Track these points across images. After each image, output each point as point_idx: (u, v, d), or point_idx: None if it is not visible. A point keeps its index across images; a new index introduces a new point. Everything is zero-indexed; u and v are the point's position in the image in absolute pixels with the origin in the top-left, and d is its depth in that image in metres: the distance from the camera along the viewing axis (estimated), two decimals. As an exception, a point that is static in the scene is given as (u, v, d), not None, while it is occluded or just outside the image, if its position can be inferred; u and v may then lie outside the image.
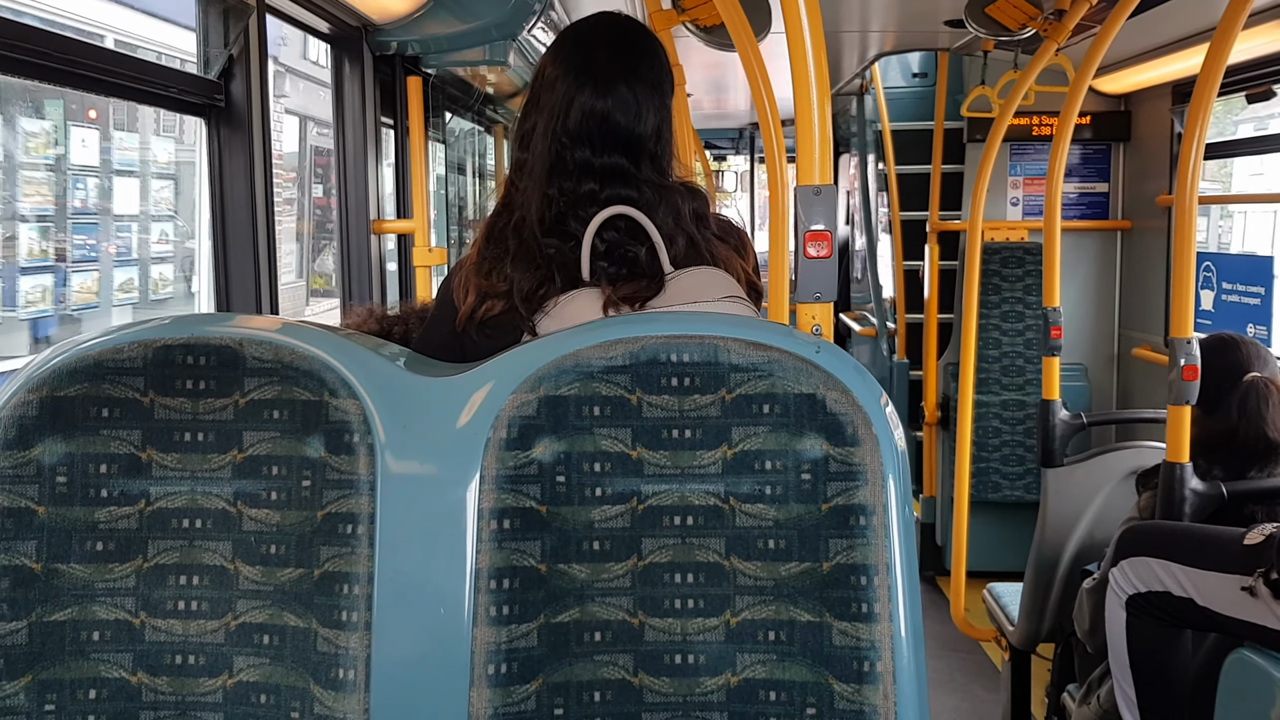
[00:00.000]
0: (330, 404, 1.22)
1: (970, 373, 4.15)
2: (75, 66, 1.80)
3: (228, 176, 2.14)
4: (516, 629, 1.18)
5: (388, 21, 3.00)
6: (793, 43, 1.29)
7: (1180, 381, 2.61)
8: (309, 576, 1.21)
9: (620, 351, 1.22)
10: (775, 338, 1.24)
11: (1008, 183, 5.39)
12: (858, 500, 1.20)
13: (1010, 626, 3.57)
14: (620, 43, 1.59)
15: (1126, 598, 2.38)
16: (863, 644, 1.18)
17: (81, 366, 1.23)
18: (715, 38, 3.16)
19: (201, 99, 2.15)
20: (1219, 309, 4.36)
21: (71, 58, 1.79)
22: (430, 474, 1.21)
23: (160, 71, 2.05)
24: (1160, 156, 4.85)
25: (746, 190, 11.91)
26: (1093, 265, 5.27)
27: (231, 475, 1.23)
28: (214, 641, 1.22)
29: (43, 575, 1.21)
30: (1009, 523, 5.09)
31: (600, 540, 1.21)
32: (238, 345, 1.24)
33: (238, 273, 2.11)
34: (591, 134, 1.53)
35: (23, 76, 1.78)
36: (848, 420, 1.20)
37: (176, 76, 2.10)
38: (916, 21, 4.48)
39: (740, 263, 1.54)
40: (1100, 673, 2.75)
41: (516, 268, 1.49)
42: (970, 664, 4.50)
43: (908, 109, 6.22)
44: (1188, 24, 3.83)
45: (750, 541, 1.21)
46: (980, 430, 5.05)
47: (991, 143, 3.92)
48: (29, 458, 1.22)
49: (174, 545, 1.23)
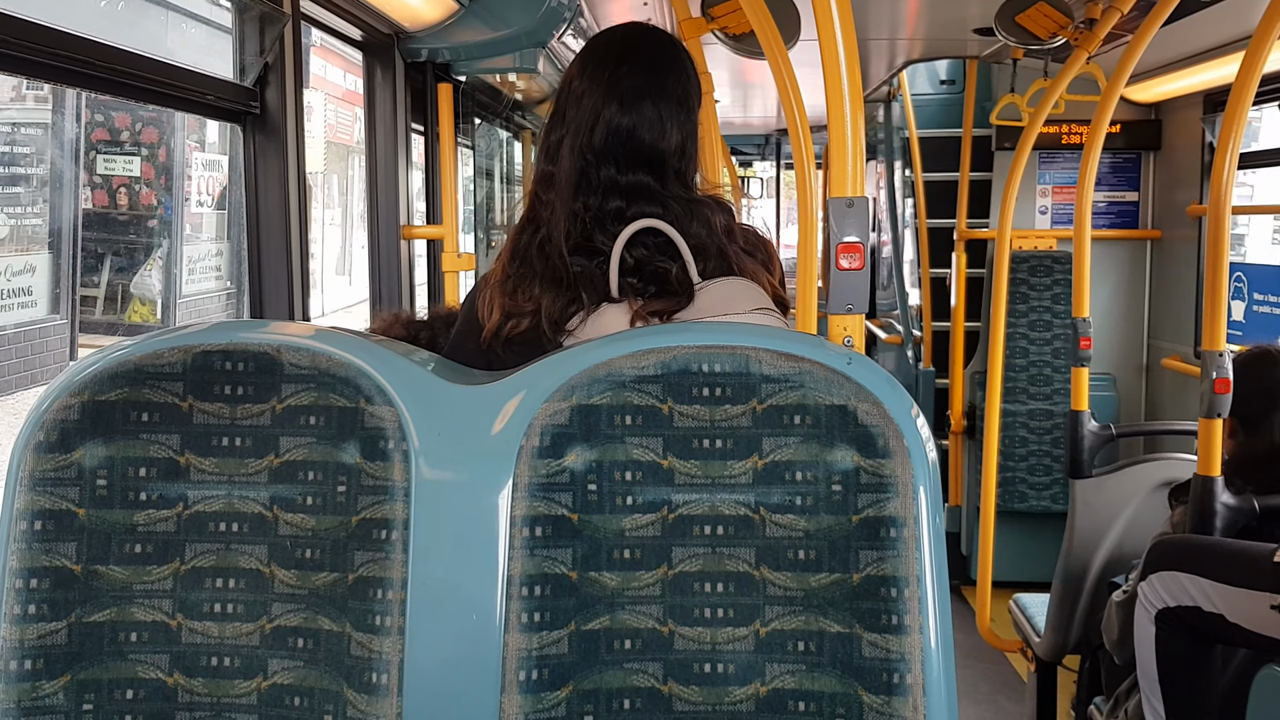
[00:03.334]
0: (366, 410, 1.24)
1: (998, 382, 4.13)
2: (114, 74, 1.83)
3: (262, 183, 2.17)
4: (547, 636, 1.19)
5: (419, 29, 3.03)
6: (826, 55, 1.29)
7: (1212, 394, 2.59)
8: (343, 581, 1.23)
9: (652, 361, 1.23)
10: (807, 349, 1.24)
11: (1036, 191, 5.36)
12: (888, 512, 1.20)
13: (1036, 638, 3.55)
14: (647, 57, 1.58)
15: (1156, 612, 2.36)
16: (892, 656, 1.18)
17: (122, 371, 1.25)
18: (745, 46, 3.16)
19: (237, 106, 2.17)
20: (1250, 319, 4.32)
21: (111, 65, 1.82)
22: (464, 481, 1.22)
23: (197, 79, 2.08)
24: (1191, 166, 4.81)
25: (772, 197, 11.91)
26: (1122, 275, 5.24)
27: (268, 480, 1.25)
28: (249, 644, 1.24)
29: (82, 576, 1.23)
30: (1035, 533, 5.06)
31: (631, 549, 1.22)
32: (275, 352, 1.26)
33: (271, 278, 2.13)
34: (616, 151, 1.53)
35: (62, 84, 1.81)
36: (879, 432, 1.21)
37: (213, 84, 2.13)
38: (945, 29, 4.47)
39: (767, 276, 1.54)
40: (1128, 686, 2.73)
41: (544, 289, 1.49)
42: (996, 675, 4.47)
43: (935, 116, 6.20)
44: (1220, 33, 3.80)
45: (780, 552, 1.21)
46: (1007, 439, 5.02)
47: (1021, 151, 3.90)
48: (70, 460, 1.24)
49: (211, 548, 1.25)
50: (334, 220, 15.06)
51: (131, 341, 1.28)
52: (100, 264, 9.39)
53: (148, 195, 9.51)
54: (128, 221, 9.51)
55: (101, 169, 9.29)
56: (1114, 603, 2.70)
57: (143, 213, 9.55)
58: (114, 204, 9.39)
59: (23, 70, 1.64)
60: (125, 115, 9.28)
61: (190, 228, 10.23)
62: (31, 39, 1.60)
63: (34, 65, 1.62)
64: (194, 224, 10.39)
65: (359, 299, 14.91)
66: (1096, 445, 3.43)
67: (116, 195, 9.38)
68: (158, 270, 9.51)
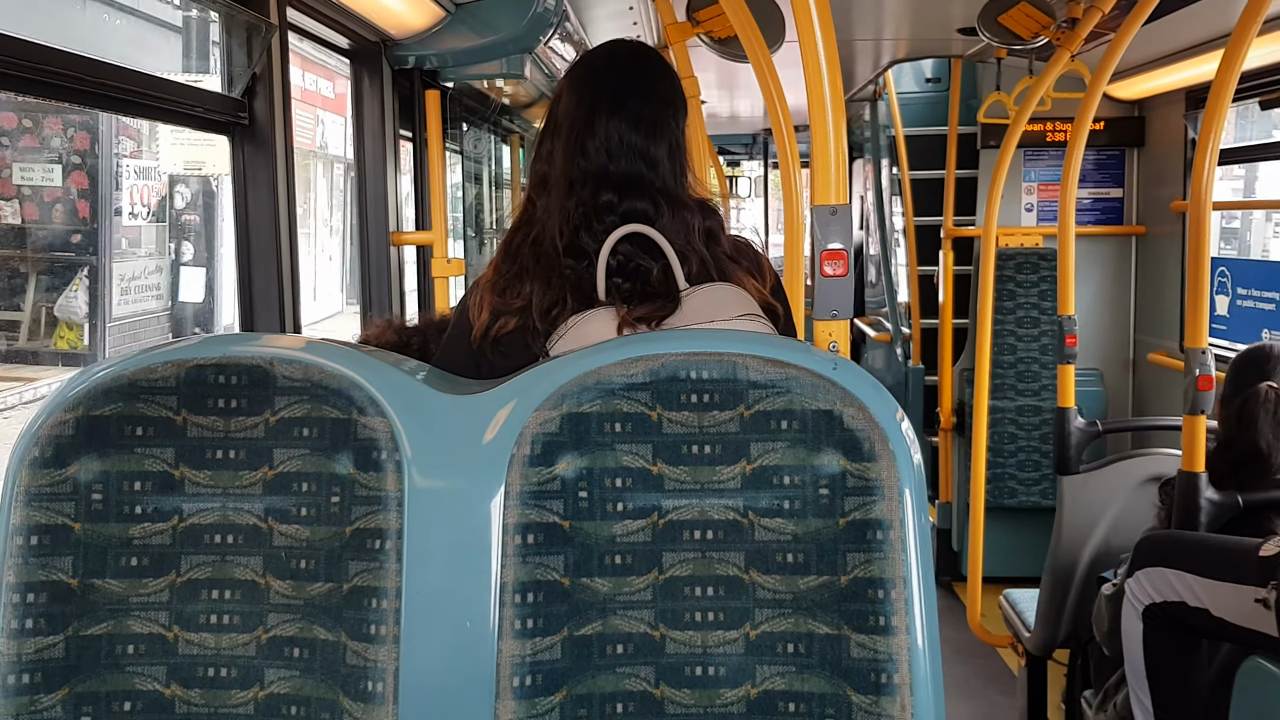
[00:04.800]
0: (359, 422, 1.25)
1: (985, 379, 4.15)
2: (101, 88, 1.84)
3: (252, 193, 2.18)
4: (541, 642, 1.21)
5: (406, 36, 3.04)
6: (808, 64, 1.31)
7: (1195, 391, 2.62)
8: (338, 591, 1.24)
9: (641, 369, 1.25)
10: (793, 355, 1.26)
11: (1021, 188, 5.39)
12: (875, 515, 1.22)
13: (1026, 633, 3.58)
14: (632, 65, 1.66)
15: (1143, 608, 2.39)
16: (880, 656, 1.20)
17: (116, 386, 1.26)
18: (729, 50, 3.19)
19: (226, 117, 2.18)
20: (1234, 314, 4.35)
21: (97, 79, 1.83)
22: (456, 490, 1.24)
23: (185, 91, 2.09)
24: (1174, 161, 4.85)
25: (761, 196, 11.93)
26: (1107, 270, 5.27)
27: (262, 492, 1.26)
28: (245, 654, 1.25)
29: (79, 590, 1.24)
30: (1025, 528, 5.09)
31: (622, 554, 1.24)
32: (268, 364, 1.27)
33: (261, 289, 2.14)
34: (609, 147, 1.58)
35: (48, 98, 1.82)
36: (864, 436, 1.23)
37: (201, 95, 2.14)
38: (930, 29, 4.49)
39: (755, 283, 1.56)
40: (1117, 679, 2.75)
41: (534, 284, 1.53)
42: (986, 669, 4.50)
43: (921, 114, 6.23)
44: (1202, 30, 3.84)
45: (769, 555, 1.23)
46: (996, 436, 5.05)
47: (1006, 149, 3.92)
48: (65, 476, 1.25)
49: (206, 560, 1.26)
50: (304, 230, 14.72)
51: (125, 357, 1.30)
52: (25, 285, 8.59)
53: (83, 206, 8.60)
54: (54, 236, 8.55)
55: (18, 178, 8.48)
56: (1104, 596, 2.73)
57: (73, 226, 8.60)
58: (46, 217, 8.48)
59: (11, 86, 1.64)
60: (56, 120, 8.47)
61: (127, 242, 9.34)
62: (15, 54, 1.61)
63: (18, 81, 1.63)
64: (130, 238, 9.45)
65: (325, 314, 14.02)
66: (1083, 441, 3.46)
67: (51, 209, 8.48)
68: (84, 291, 8.67)
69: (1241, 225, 11.42)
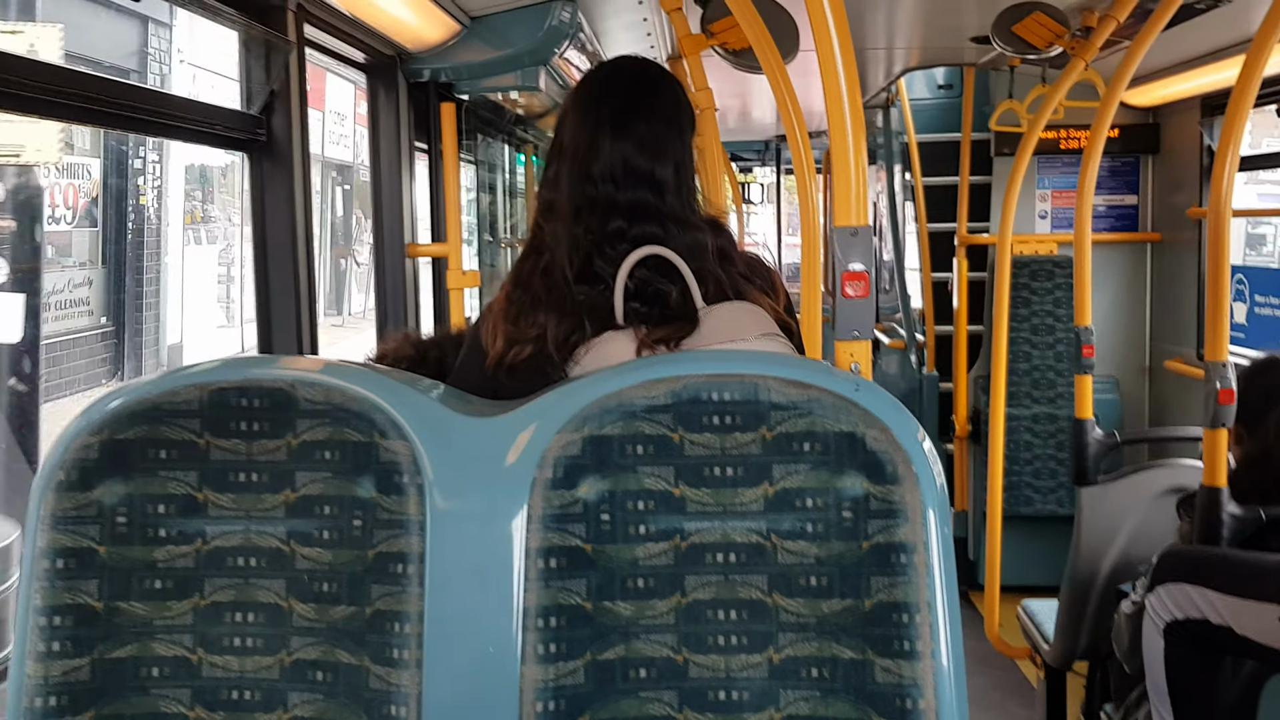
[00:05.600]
0: (380, 445, 1.25)
1: (1001, 386, 4.14)
2: (123, 109, 1.85)
3: (270, 211, 2.18)
4: (564, 666, 1.21)
5: (422, 50, 3.05)
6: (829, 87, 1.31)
7: (1216, 405, 2.59)
8: (360, 614, 1.24)
9: (662, 391, 1.25)
10: (815, 376, 1.26)
11: (1036, 196, 5.38)
12: (898, 538, 1.21)
13: (1045, 645, 3.56)
14: (637, 84, 1.64)
15: (1164, 625, 2.37)
16: (905, 681, 1.19)
17: (140, 410, 1.27)
18: (744, 61, 3.18)
19: (244, 134, 2.19)
20: (1252, 322, 4.33)
21: (119, 100, 1.84)
22: (478, 513, 1.24)
23: (205, 110, 2.10)
24: (1190, 168, 4.83)
25: (773, 202, 11.92)
26: (1123, 278, 5.25)
27: (285, 515, 1.26)
28: (269, 678, 1.25)
29: (104, 613, 1.25)
30: (1042, 537, 5.07)
31: (644, 578, 1.24)
32: (290, 387, 1.27)
33: (280, 308, 2.15)
34: (615, 173, 1.57)
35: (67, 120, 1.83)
36: (887, 458, 1.22)
37: (220, 113, 2.15)
38: (942, 38, 4.49)
39: (770, 301, 1.56)
40: (1138, 695, 2.73)
41: (548, 315, 1.51)
42: (1006, 681, 4.48)
43: (934, 120, 6.22)
44: (1218, 38, 3.82)
45: (792, 579, 1.23)
46: (1011, 444, 5.03)
47: (1021, 157, 3.91)
48: (90, 499, 1.25)
49: (230, 583, 1.26)
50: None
51: (149, 379, 1.30)
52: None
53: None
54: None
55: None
56: (1123, 613, 2.71)
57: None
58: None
59: (33, 110, 1.65)
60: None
61: (54, 249, 8.28)
62: (40, 79, 1.62)
63: (43, 104, 1.63)
64: (58, 245, 8.39)
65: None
66: (1101, 453, 3.45)
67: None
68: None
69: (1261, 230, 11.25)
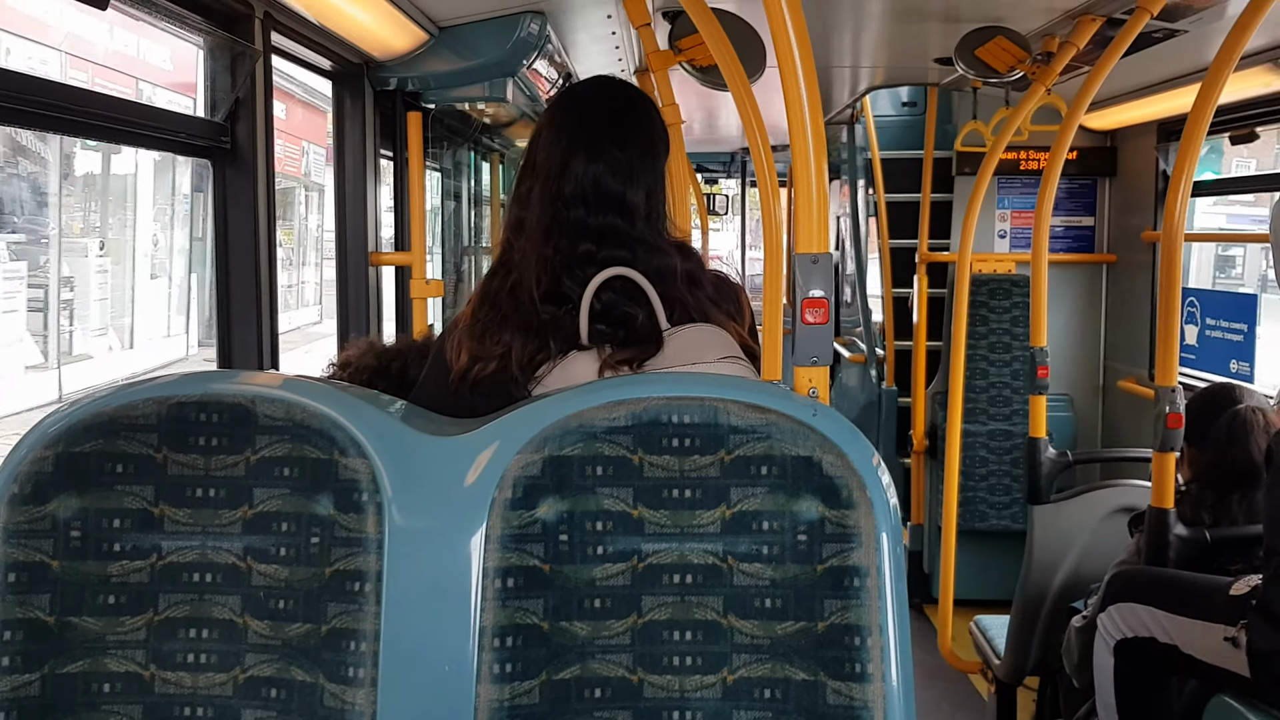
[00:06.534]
0: (340, 462, 1.25)
1: (958, 403, 4.19)
2: (83, 115, 1.83)
3: (233, 219, 2.17)
4: (519, 686, 1.21)
5: (389, 59, 3.04)
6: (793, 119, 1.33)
7: (1165, 429, 2.65)
8: (316, 632, 1.24)
9: (623, 412, 1.26)
10: (774, 400, 1.28)
11: (995, 215, 5.45)
12: (852, 562, 1.23)
13: (996, 659, 3.61)
14: (613, 107, 1.64)
15: (1115, 643, 2.42)
16: (856, 703, 1.21)
17: (96, 423, 1.26)
18: (710, 78, 3.21)
19: (208, 142, 2.18)
20: (1203, 344, 4.42)
21: (79, 106, 1.82)
22: (436, 532, 1.24)
23: (168, 117, 2.08)
24: (1145, 192, 4.92)
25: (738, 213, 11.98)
26: (1078, 298, 5.33)
27: (242, 531, 1.26)
28: (222, 694, 1.25)
29: (56, 628, 1.24)
30: (995, 552, 5.13)
31: (601, 598, 1.25)
32: (250, 403, 1.27)
33: (240, 319, 2.13)
34: (586, 196, 1.57)
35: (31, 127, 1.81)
36: (843, 483, 1.24)
37: (183, 121, 2.13)
38: (906, 58, 4.54)
39: (736, 326, 1.57)
40: (1087, 710, 2.78)
41: (514, 333, 1.51)
42: (956, 694, 4.53)
43: (897, 137, 6.28)
44: (1174, 66, 3.90)
45: (747, 600, 1.25)
46: (967, 460, 5.09)
47: (982, 177, 3.96)
48: (44, 513, 1.24)
49: (184, 599, 1.26)
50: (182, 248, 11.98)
51: (106, 392, 1.29)
52: None
53: None
54: None
55: None
56: (1074, 628, 2.76)
57: None
58: None
59: (-5, 115, 1.64)
60: None
61: None
62: None
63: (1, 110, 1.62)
64: None
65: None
66: (1054, 472, 3.50)
67: None
68: None
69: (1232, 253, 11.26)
